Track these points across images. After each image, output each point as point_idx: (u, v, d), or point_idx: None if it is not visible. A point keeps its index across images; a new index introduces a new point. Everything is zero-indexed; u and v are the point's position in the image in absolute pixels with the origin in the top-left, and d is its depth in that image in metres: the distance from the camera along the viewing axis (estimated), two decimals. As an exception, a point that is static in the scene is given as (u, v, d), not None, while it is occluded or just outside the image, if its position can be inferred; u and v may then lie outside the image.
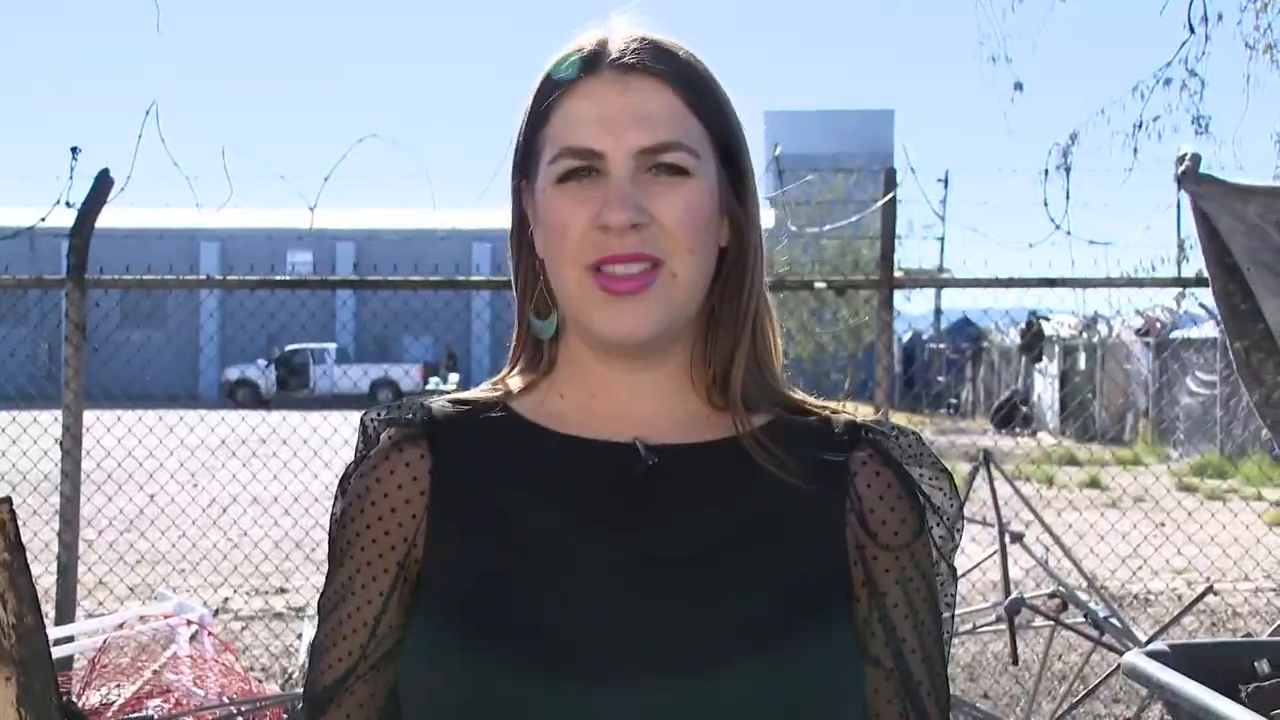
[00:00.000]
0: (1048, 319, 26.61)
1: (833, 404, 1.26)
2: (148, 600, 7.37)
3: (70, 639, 4.91)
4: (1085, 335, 26.13)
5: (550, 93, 1.16)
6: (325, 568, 1.22)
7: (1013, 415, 26.77)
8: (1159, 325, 21.62)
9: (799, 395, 1.24)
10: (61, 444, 5.15)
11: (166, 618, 4.53)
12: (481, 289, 6.38)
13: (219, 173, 5.58)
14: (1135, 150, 7.72)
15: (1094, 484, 15.75)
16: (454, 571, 1.14)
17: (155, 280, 5.67)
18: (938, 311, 36.52)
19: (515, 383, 1.24)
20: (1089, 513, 11.91)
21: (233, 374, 39.02)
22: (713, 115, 1.18)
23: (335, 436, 11.83)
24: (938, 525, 1.21)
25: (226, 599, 8.93)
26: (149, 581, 8.36)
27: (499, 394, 1.24)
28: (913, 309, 34.41)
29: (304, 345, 38.12)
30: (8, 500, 2.50)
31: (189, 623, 4.44)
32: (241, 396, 36.67)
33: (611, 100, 1.13)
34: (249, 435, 14.58)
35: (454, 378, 35.13)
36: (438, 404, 1.25)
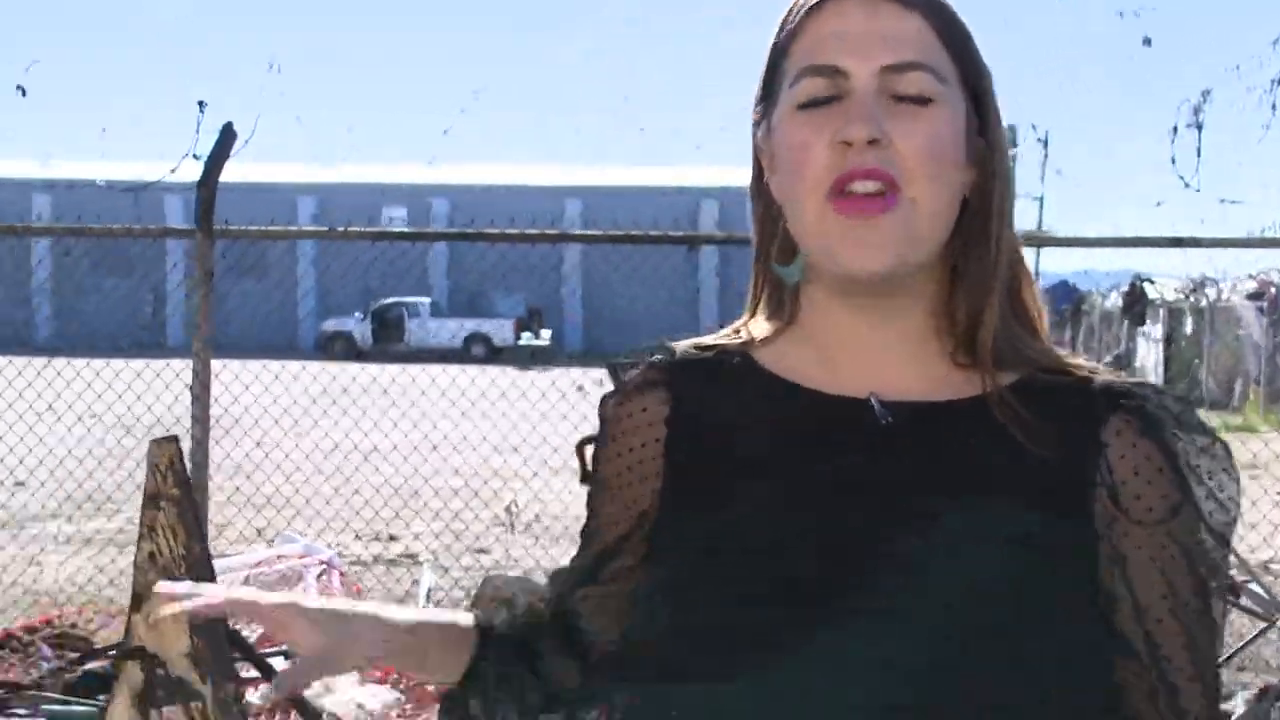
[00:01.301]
0: (1151, 282, 26.06)
1: (1092, 364, 1.19)
2: (267, 543, 7.60)
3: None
4: (1192, 299, 25.53)
5: (795, 19, 1.16)
6: (429, 517, 1.25)
7: (1115, 380, 26.15)
8: (1273, 289, 20.98)
9: (1057, 352, 1.19)
10: (191, 389, 5.31)
11: (298, 558, 4.67)
12: (575, 242, 6.40)
13: (336, 126, 5.65)
14: (1274, 106, 7.46)
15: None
16: (686, 515, 1.16)
17: (281, 231, 5.81)
18: (1036, 274, 35.98)
19: (758, 329, 1.23)
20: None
21: (330, 326, 39.72)
22: (960, 49, 1.15)
23: (431, 388, 12.05)
24: (1207, 498, 1.13)
25: (338, 544, 9.16)
26: (260, 526, 8.60)
27: (741, 341, 1.24)
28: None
29: (399, 299, 38.65)
30: (175, 440, 2.62)
31: (321, 563, 4.59)
32: (338, 349, 37.33)
33: (858, 20, 1.12)
34: (349, 386, 14.81)
35: (546, 333, 35.37)
36: (681, 347, 1.26)
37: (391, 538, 9.35)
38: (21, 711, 3.46)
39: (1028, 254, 1.28)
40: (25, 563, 7.76)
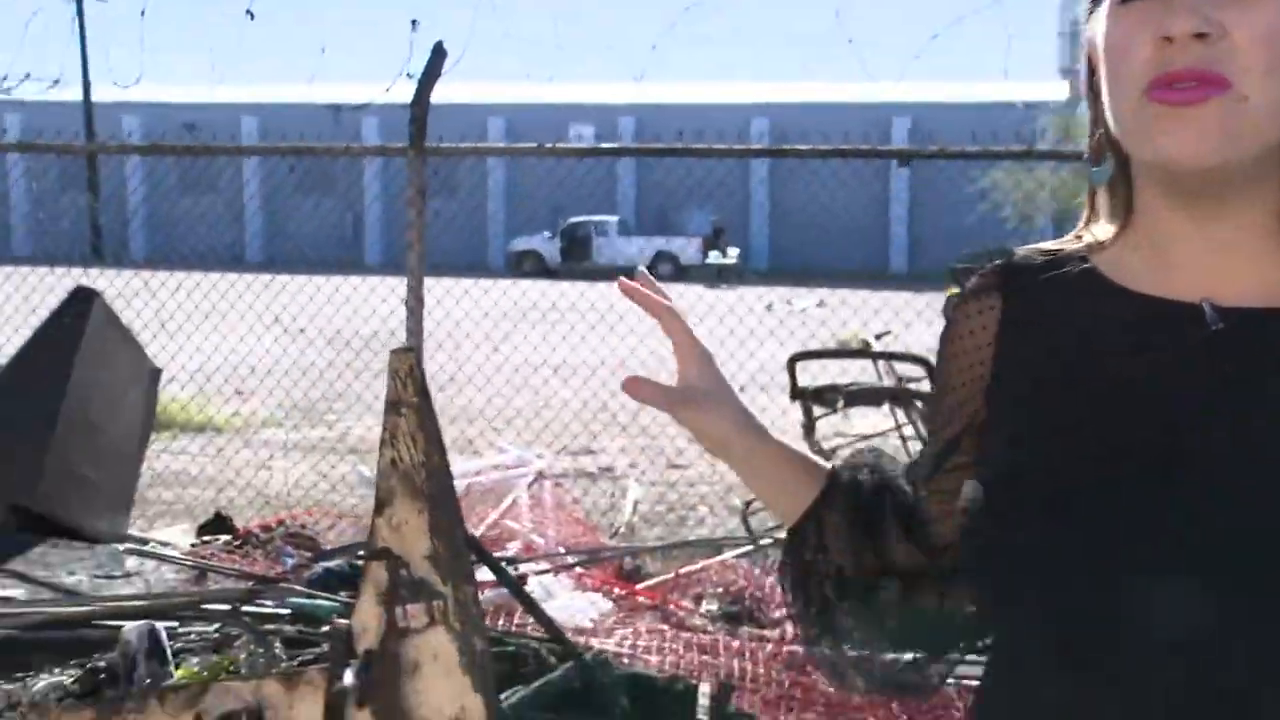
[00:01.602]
0: None
1: None
2: (474, 453, 7.86)
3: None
4: None
5: None
6: (623, 432, 1.29)
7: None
8: None
9: None
10: (406, 303, 5.48)
11: (509, 468, 4.82)
12: (760, 157, 6.29)
13: (547, 43, 5.67)
14: None
15: None
16: (1016, 412, 1.18)
17: (489, 148, 5.92)
18: None
19: (1100, 233, 1.22)
20: None
21: (519, 245, 40.41)
22: None
23: (622, 306, 12.15)
24: None
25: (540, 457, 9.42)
26: (461, 438, 8.88)
27: (1081, 245, 1.23)
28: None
29: (586, 218, 39.01)
30: (412, 350, 2.68)
31: (540, 475, 4.72)
32: (527, 267, 37.99)
33: None
34: (540, 303, 15.04)
35: (733, 251, 35.21)
36: (1021, 253, 1.26)
37: (589, 451, 9.53)
38: (268, 603, 3.67)
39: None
40: (256, 467, 8.20)
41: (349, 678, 2.85)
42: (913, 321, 10.23)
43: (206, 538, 5.27)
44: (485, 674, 2.86)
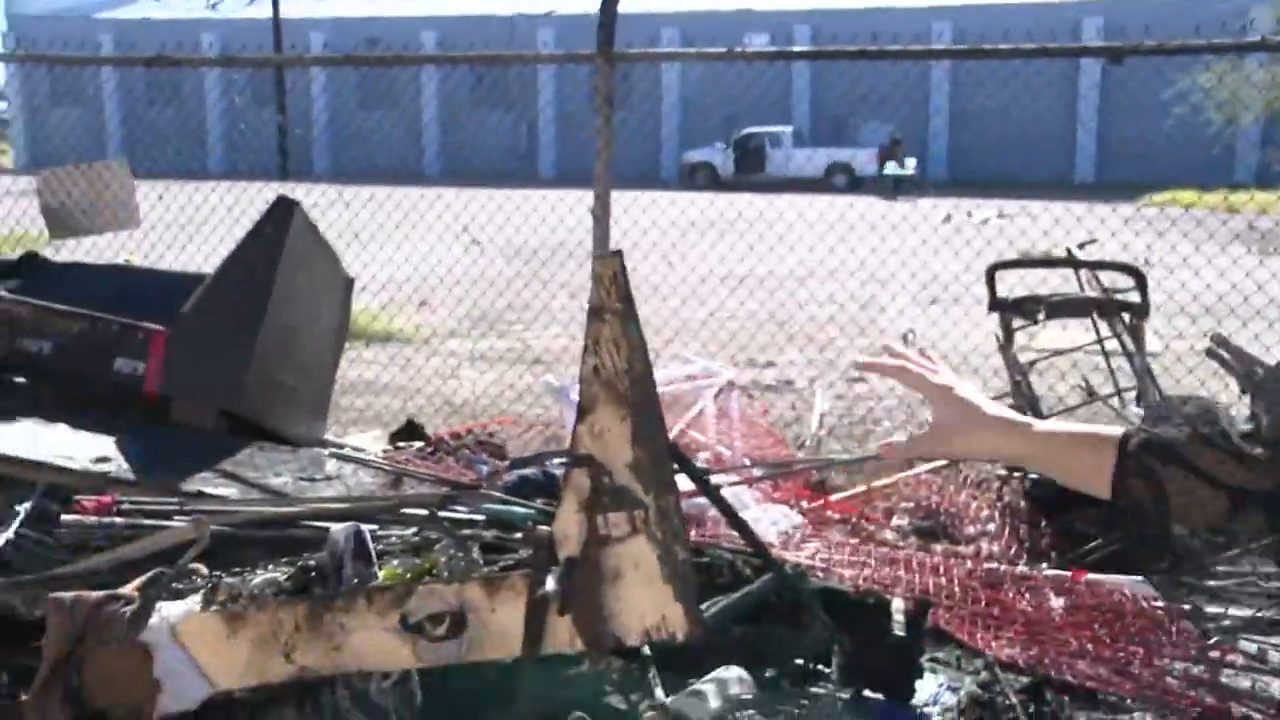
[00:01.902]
0: None
1: None
2: (656, 366, 7.83)
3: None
4: None
5: None
6: (802, 344, 1.26)
7: None
8: None
9: None
10: (592, 212, 5.45)
11: (696, 378, 4.77)
12: (944, 58, 5.97)
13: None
14: None
15: None
16: None
17: (675, 53, 5.75)
18: None
19: None
20: None
21: (692, 157, 40.08)
22: None
23: (798, 220, 11.93)
24: None
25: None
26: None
27: None
28: None
29: (760, 128, 38.41)
30: (619, 254, 2.63)
31: (730, 384, 4.67)
32: (700, 178, 37.68)
33: None
34: (713, 216, 14.77)
35: (911, 161, 34.21)
36: None
37: (768, 364, 9.44)
38: (462, 509, 3.72)
39: None
40: (444, 376, 8.35)
41: (551, 584, 2.86)
42: (1105, 236, 9.77)
43: (402, 444, 5.39)
44: (687, 584, 2.84)
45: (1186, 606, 4.07)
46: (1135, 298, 4.78)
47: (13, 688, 3.47)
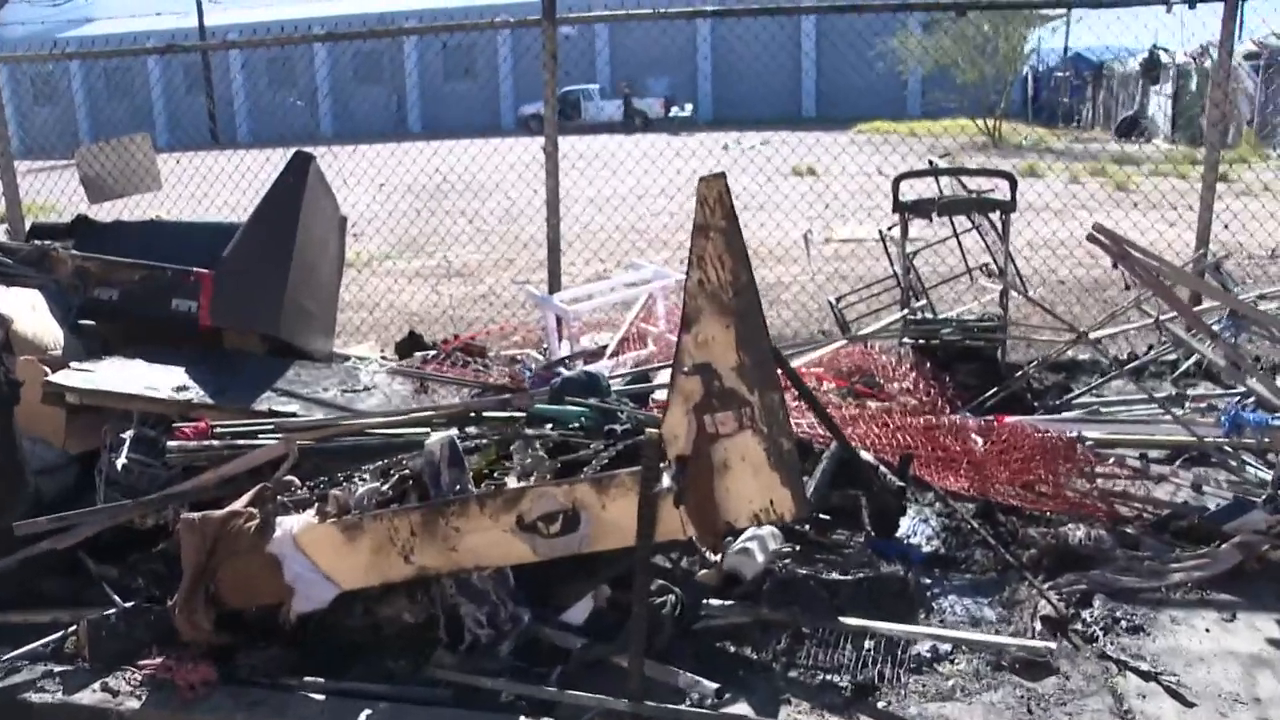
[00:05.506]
0: (1166, 50, 24.38)
1: None
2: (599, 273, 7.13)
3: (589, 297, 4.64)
4: (1197, 62, 23.32)
5: None
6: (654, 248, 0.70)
7: (1133, 128, 25.19)
8: (1266, 51, 19.14)
9: None
10: (545, 149, 4.72)
11: (647, 282, 4.19)
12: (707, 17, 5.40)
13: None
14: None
15: (1223, 179, 14.05)
16: None
17: (602, 15, 5.00)
18: (1065, 50, 33.29)
19: None
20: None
21: (526, 110, 38.55)
22: None
23: (619, 151, 11.24)
24: None
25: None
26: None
27: None
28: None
29: (575, 87, 37.11)
30: (722, 175, 2.01)
31: (678, 283, 4.08)
32: (534, 126, 36.18)
33: None
34: (538, 155, 14.04)
35: (689, 106, 33.58)
36: None
37: (631, 266, 8.84)
38: (495, 412, 3.07)
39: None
40: (396, 292, 7.47)
41: (666, 480, 2.31)
42: (840, 154, 9.48)
43: (419, 352, 4.63)
44: (793, 470, 2.33)
45: (1075, 434, 3.77)
46: (1002, 196, 4.42)
47: (148, 589, 2.87)
